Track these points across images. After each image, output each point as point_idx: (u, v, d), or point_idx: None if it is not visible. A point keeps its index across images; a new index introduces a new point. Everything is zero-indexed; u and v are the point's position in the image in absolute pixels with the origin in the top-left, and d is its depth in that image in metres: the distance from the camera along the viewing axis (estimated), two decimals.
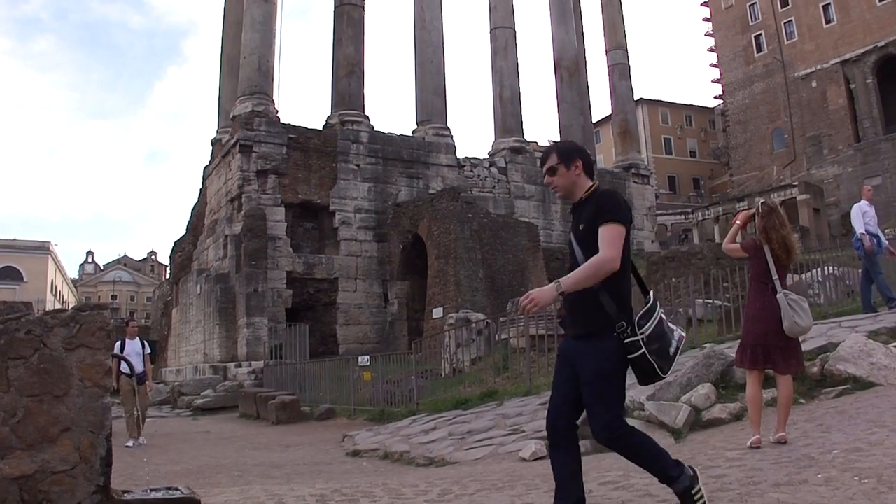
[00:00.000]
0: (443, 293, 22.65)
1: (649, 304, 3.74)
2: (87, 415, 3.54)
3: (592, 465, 5.75)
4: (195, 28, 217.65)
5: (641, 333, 3.64)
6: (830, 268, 14.28)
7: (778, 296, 5.66)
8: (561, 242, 31.57)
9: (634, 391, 8.52)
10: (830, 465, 4.60)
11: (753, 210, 6.09)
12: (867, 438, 5.21)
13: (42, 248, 73.38)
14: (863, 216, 11.80)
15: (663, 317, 3.76)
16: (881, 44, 51.79)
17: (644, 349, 3.63)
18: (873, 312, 11.17)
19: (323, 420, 16.08)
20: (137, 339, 13.48)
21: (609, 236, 3.65)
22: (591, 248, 3.69)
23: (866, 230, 11.66)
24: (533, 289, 3.69)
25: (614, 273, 3.62)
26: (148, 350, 13.67)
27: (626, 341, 3.64)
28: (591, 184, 3.92)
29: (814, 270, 14.17)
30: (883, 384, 7.23)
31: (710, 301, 13.60)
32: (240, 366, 23.21)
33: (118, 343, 12.69)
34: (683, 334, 3.88)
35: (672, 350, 3.74)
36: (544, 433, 7.25)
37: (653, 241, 36.50)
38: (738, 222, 6.19)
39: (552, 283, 3.62)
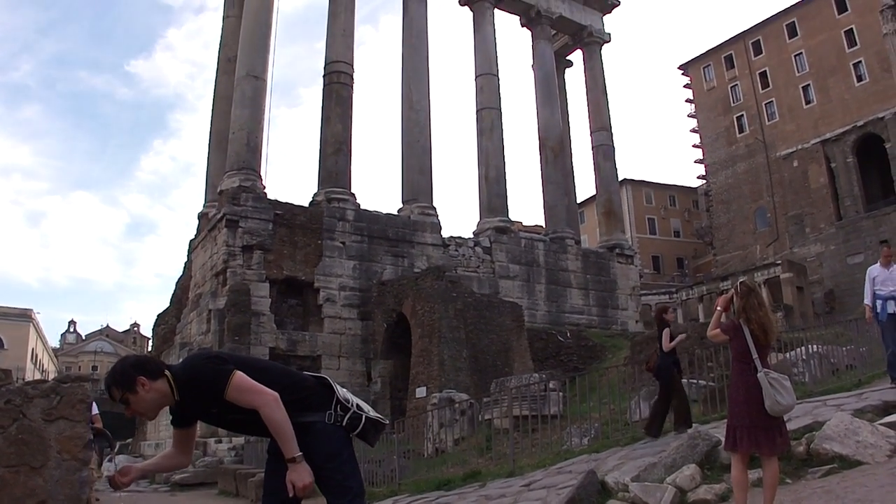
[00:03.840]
0: (426, 372, 22.50)
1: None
2: (64, 488, 3.47)
3: None
4: (182, 102, 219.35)
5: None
6: (815, 346, 14.27)
7: (759, 375, 5.66)
8: (546, 322, 31.54)
9: (619, 472, 8.44)
10: None
11: (732, 292, 6.14)
12: None
13: (24, 316, 72.38)
14: (871, 282, 11.23)
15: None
16: (860, 123, 52.74)
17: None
18: None
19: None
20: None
21: (242, 389, 3.50)
22: (245, 414, 3.56)
23: (877, 294, 11.08)
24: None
25: (280, 398, 3.53)
26: (95, 410, 11.08)
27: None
28: (165, 379, 3.59)
29: (798, 349, 14.17)
30: (870, 462, 7.18)
31: (695, 381, 13.57)
32: (220, 441, 22.83)
33: None
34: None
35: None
36: None
37: (637, 321, 36.44)
38: (719, 308, 6.24)
39: (296, 463, 3.53)
